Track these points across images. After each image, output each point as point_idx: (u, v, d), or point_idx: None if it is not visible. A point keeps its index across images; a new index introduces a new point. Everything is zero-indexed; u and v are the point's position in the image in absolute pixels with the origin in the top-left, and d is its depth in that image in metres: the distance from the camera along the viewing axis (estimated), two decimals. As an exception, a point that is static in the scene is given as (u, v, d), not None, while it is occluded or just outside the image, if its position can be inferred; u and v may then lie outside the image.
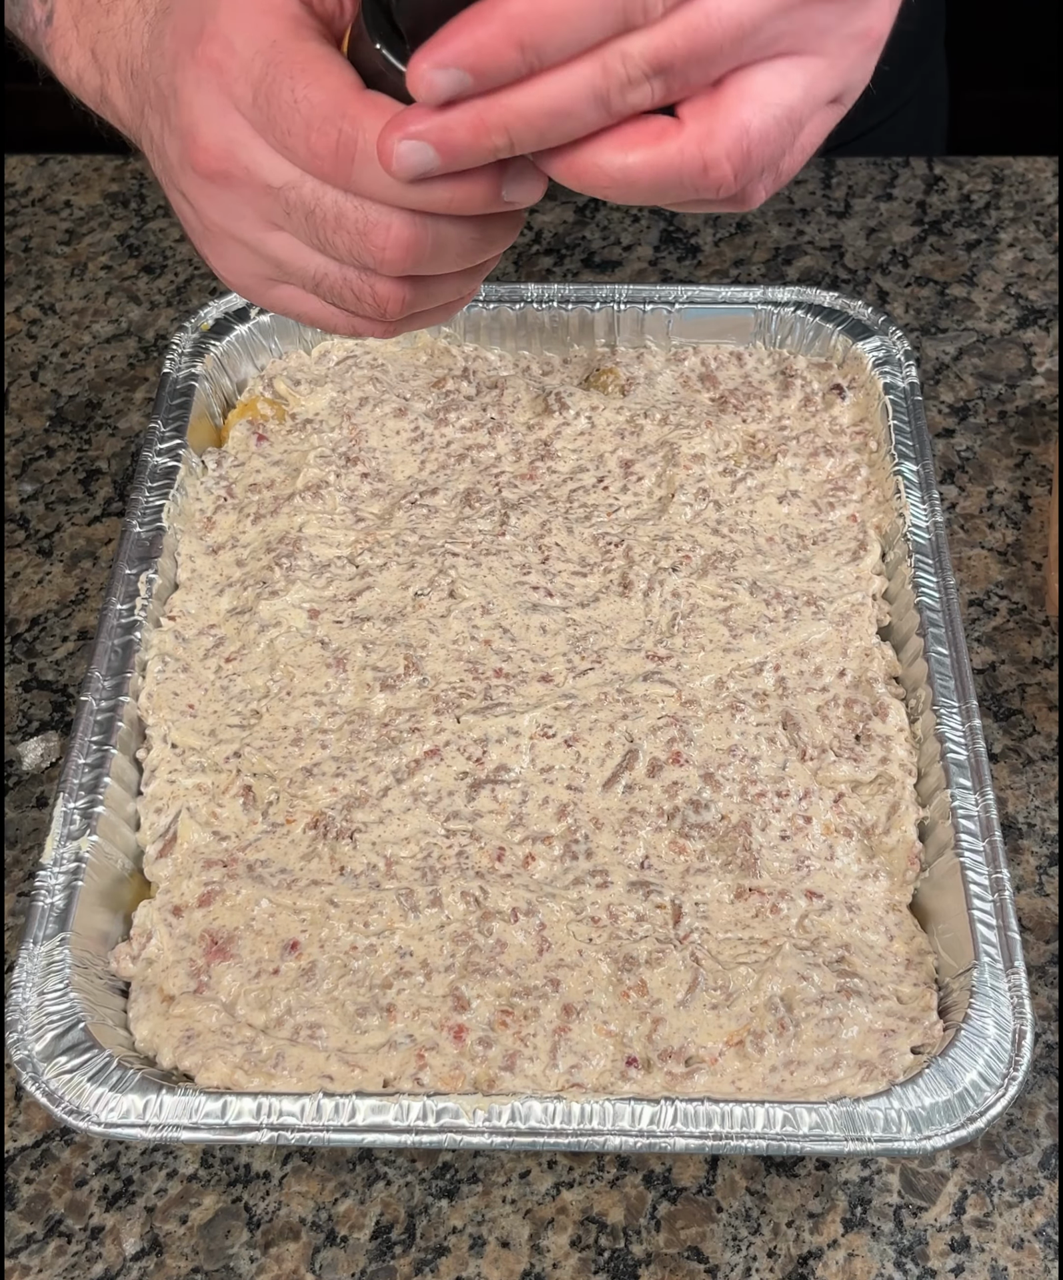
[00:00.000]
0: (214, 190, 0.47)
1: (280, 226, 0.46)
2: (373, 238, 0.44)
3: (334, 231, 0.44)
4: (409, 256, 0.44)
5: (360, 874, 0.57)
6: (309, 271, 0.47)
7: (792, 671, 0.63)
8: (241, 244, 0.48)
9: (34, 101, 2.17)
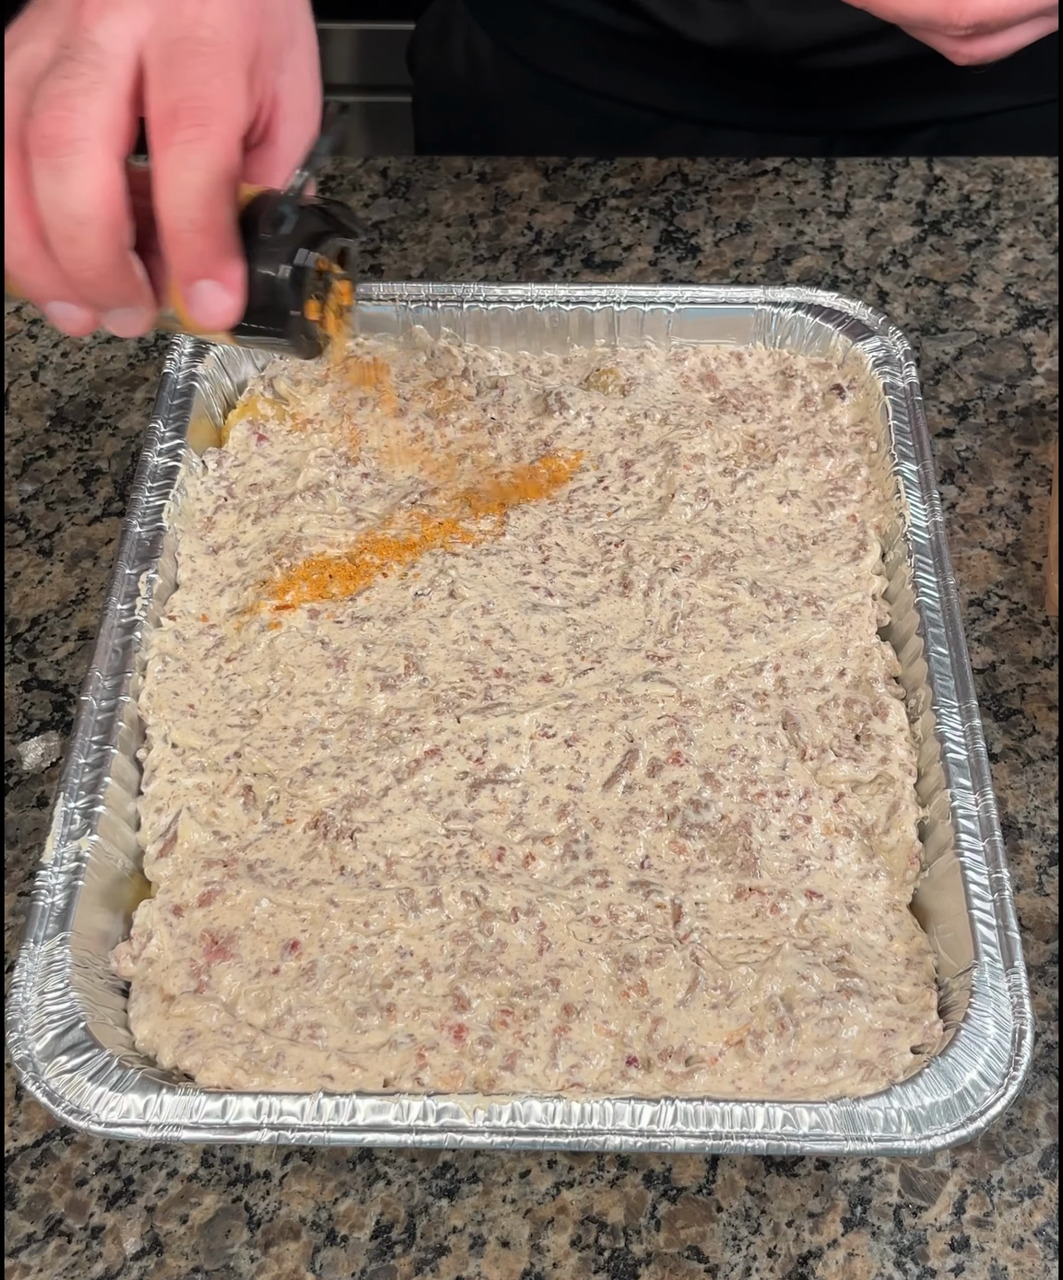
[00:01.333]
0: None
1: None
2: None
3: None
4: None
5: (360, 874, 0.57)
6: None
7: (792, 671, 0.63)
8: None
9: (34, 102, 2.13)
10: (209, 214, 0.48)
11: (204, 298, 0.50)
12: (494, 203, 0.92)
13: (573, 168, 0.94)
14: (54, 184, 0.47)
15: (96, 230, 0.48)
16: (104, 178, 0.47)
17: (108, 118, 0.48)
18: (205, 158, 0.47)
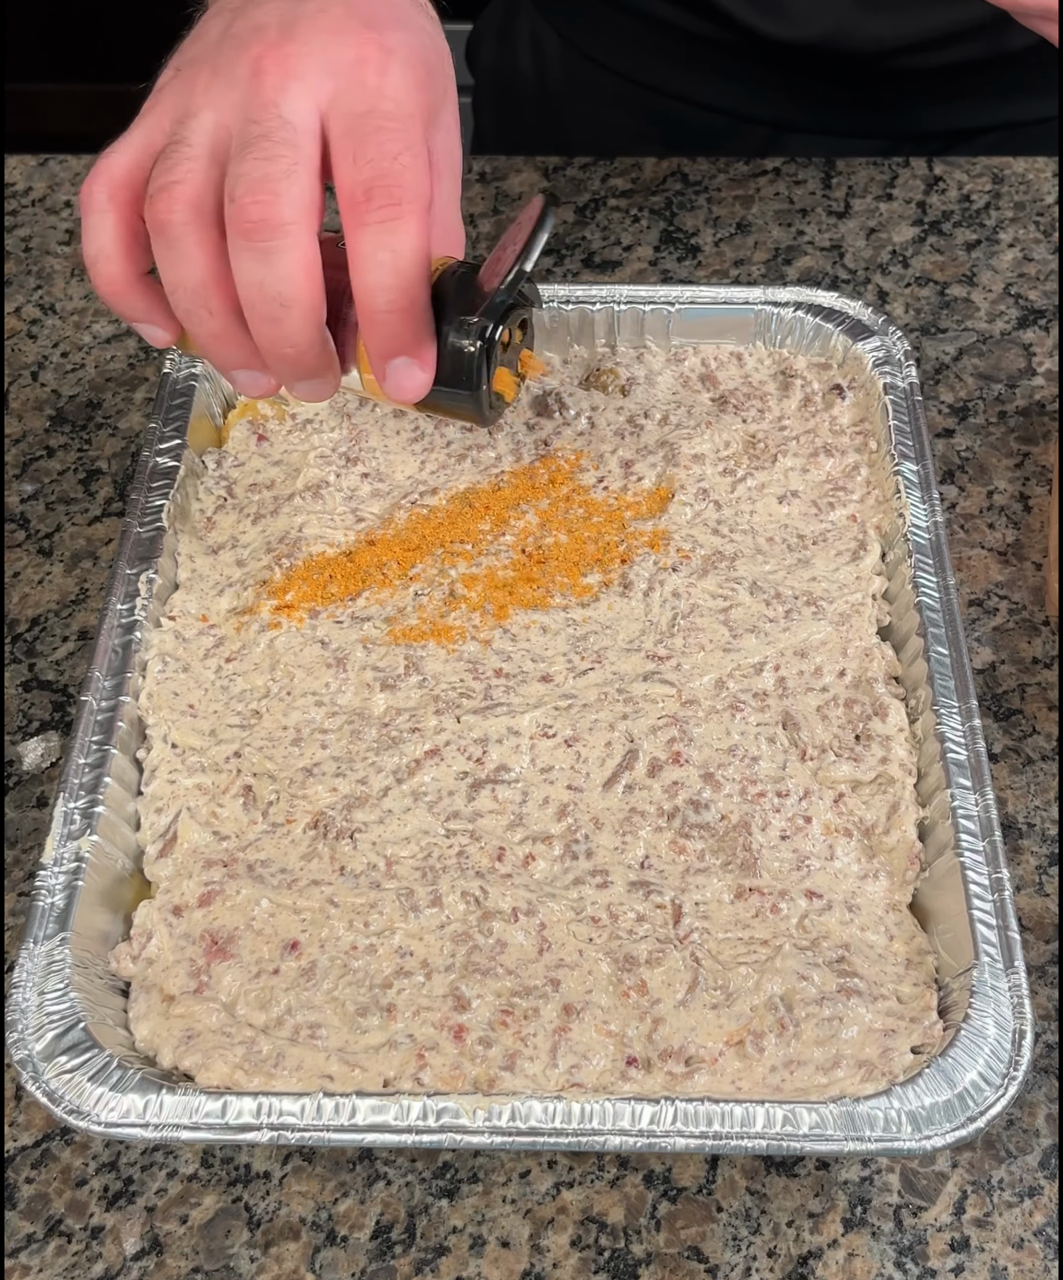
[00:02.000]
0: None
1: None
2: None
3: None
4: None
5: (360, 874, 0.57)
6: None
7: (792, 671, 0.63)
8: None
9: (34, 101, 2.17)
10: (407, 296, 0.49)
11: (398, 374, 0.51)
12: (494, 203, 0.92)
13: (573, 168, 0.94)
14: (259, 267, 0.48)
15: (300, 312, 0.49)
16: (308, 260, 0.48)
17: (308, 199, 0.48)
18: (402, 239, 0.48)
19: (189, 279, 0.50)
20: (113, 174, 0.51)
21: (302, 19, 0.50)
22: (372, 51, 0.49)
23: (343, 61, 0.49)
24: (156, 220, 0.49)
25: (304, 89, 0.49)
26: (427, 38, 0.53)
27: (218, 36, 0.51)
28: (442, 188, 0.55)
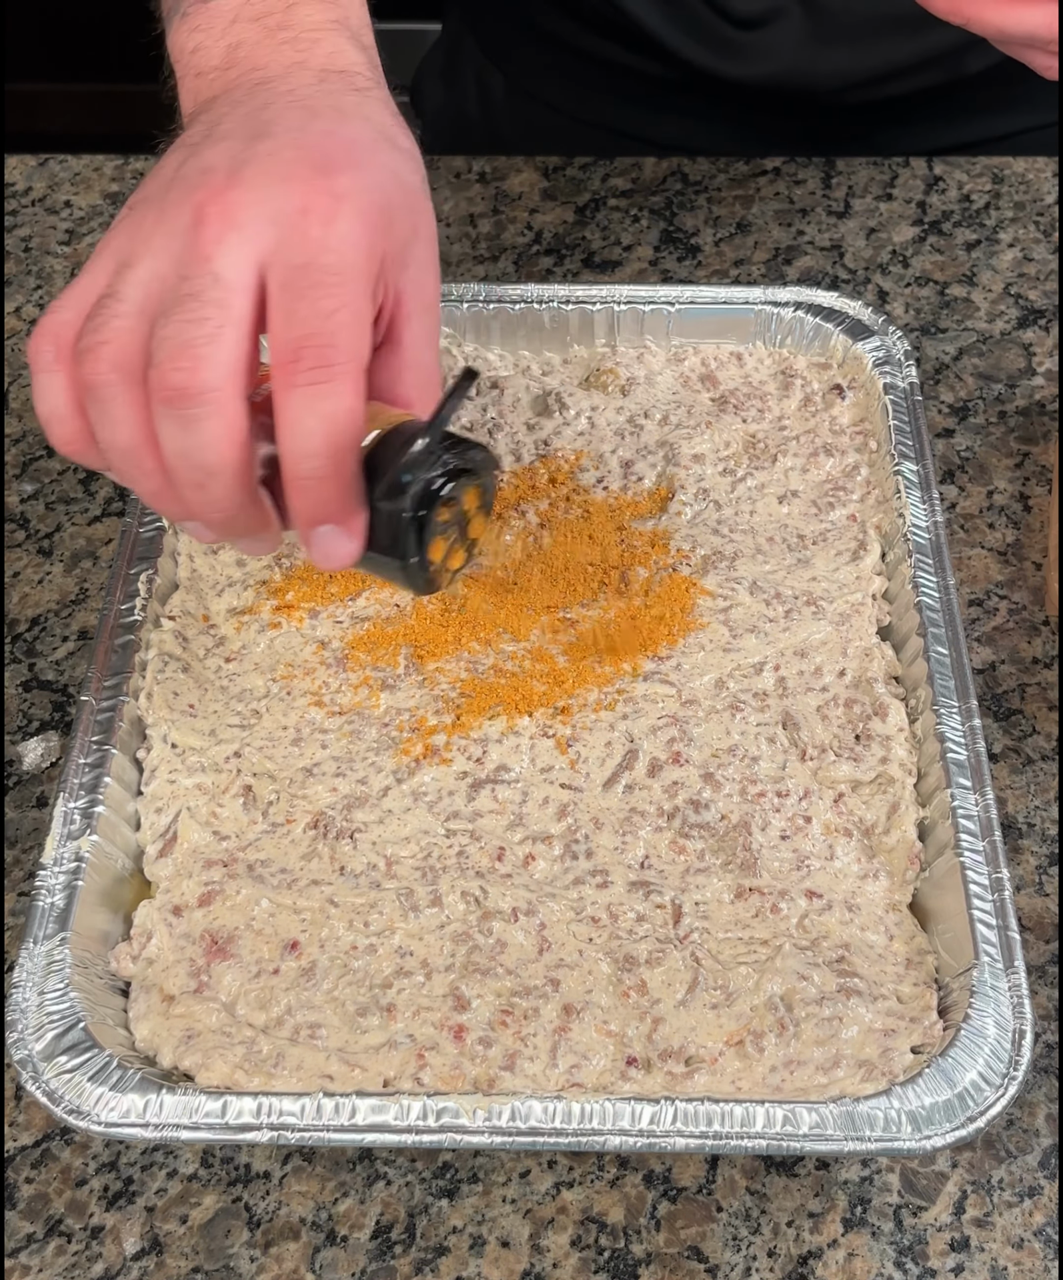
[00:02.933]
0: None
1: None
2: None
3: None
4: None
5: (360, 874, 0.57)
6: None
7: (792, 671, 0.63)
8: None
9: (34, 101, 2.17)
10: (334, 463, 0.46)
11: (325, 541, 0.48)
12: (494, 203, 0.92)
13: (573, 168, 0.94)
14: (181, 435, 0.46)
15: (225, 480, 0.46)
16: (232, 428, 0.46)
17: (234, 364, 0.45)
18: (331, 404, 0.45)
19: (119, 441, 0.47)
20: (58, 331, 0.48)
21: (251, 162, 0.47)
22: (319, 199, 0.46)
23: (287, 210, 0.46)
24: (85, 380, 0.47)
25: (243, 239, 0.46)
26: (388, 175, 0.49)
27: (170, 176, 0.49)
28: (412, 329, 0.51)
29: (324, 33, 0.54)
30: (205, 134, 0.50)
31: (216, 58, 0.54)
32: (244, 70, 0.53)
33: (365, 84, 0.53)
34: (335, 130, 0.49)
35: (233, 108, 0.51)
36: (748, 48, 0.88)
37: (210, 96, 0.53)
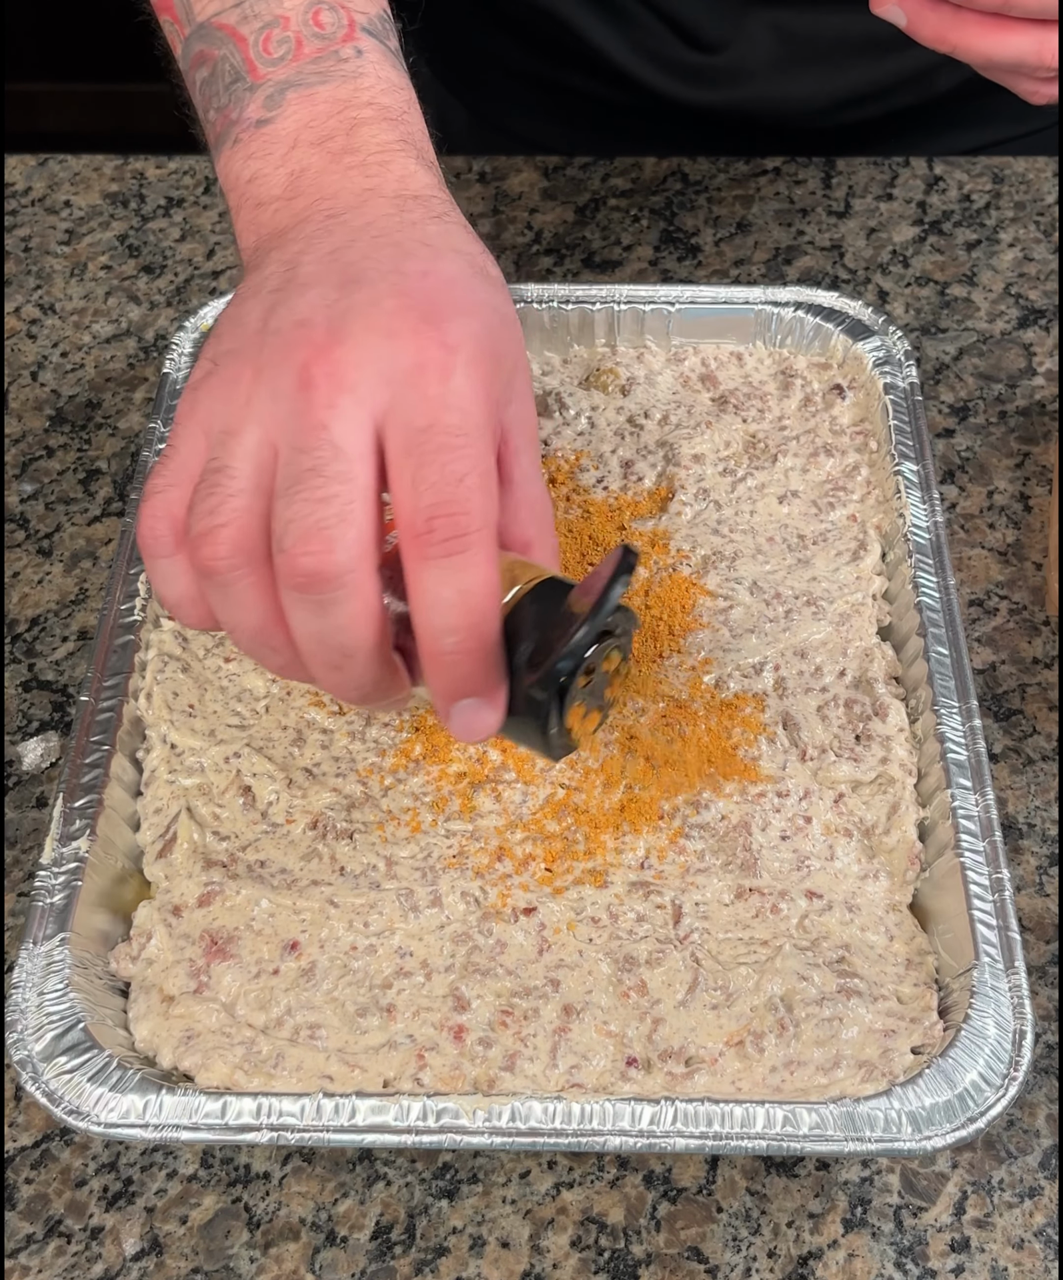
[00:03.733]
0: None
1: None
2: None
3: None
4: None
5: (360, 874, 0.57)
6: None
7: (792, 671, 0.63)
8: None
9: (34, 101, 2.17)
10: (475, 637, 0.43)
11: (465, 715, 0.45)
12: (494, 203, 0.92)
13: (573, 167, 0.94)
14: (314, 619, 0.43)
15: (362, 659, 0.44)
16: (369, 609, 0.43)
17: (366, 542, 0.42)
18: (469, 575, 0.42)
19: (245, 624, 0.45)
20: (169, 510, 0.45)
21: (352, 315, 0.43)
22: (432, 353, 0.43)
23: (400, 367, 0.43)
24: (203, 565, 0.44)
25: (357, 402, 0.42)
26: (489, 313, 0.46)
27: (257, 327, 0.45)
28: (522, 464, 0.48)
29: (392, 154, 0.50)
30: (286, 278, 0.46)
31: (278, 187, 0.50)
32: (312, 200, 0.49)
33: (443, 207, 0.50)
34: (431, 269, 0.46)
35: (309, 245, 0.47)
36: (713, 73, 0.88)
37: (276, 230, 0.49)
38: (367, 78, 0.52)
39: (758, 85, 0.88)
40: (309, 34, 0.53)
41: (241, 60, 0.53)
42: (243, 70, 0.53)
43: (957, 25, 0.57)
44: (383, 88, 0.52)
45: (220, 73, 0.54)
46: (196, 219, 0.92)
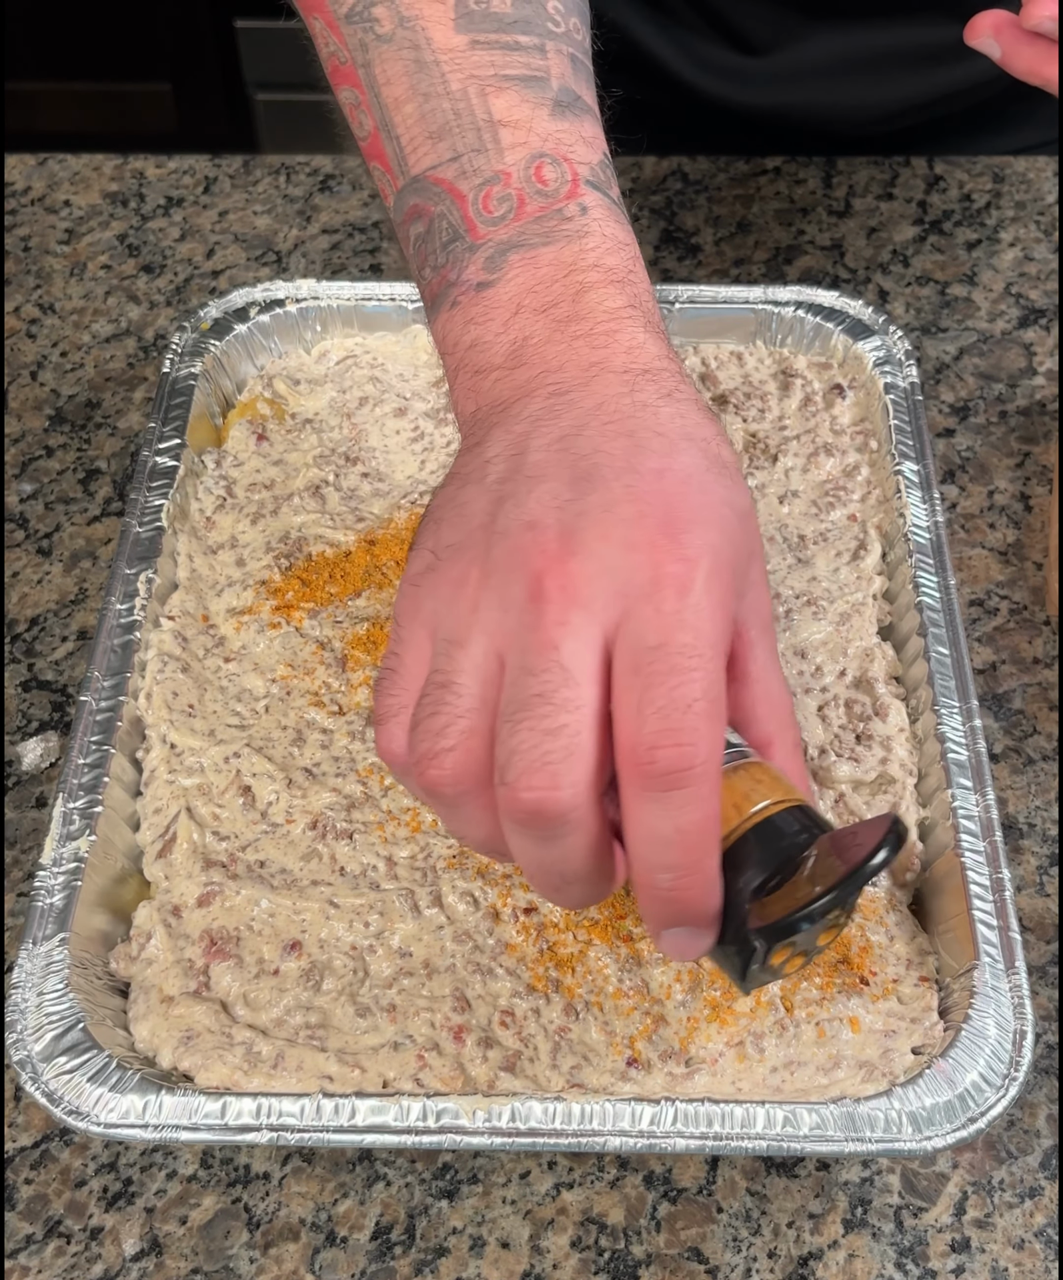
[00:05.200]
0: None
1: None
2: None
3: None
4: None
5: (360, 874, 0.57)
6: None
7: (792, 672, 0.63)
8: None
9: (34, 101, 2.17)
10: (690, 875, 0.41)
11: (675, 940, 0.43)
12: (494, 202, 0.92)
13: (573, 167, 0.94)
14: (536, 849, 0.42)
15: (584, 884, 0.43)
16: (593, 843, 0.41)
17: (593, 775, 0.40)
18: (689, 812, 0.40)
19: (472, 837, 0.44)
20: (403, 718, 0.44)
21: (586, 520, 0.41)
22: (671, 568, 0.40)
23: (637, 582, 0.40)
24: (427, 787, 0.42)
25: (589, 619, 0.40)
26: (729, 514, 0.43)
27: (483, 523, 0.43)
28: (758, 657, 0.46)
29: (620, 322, 0.47)
30: (513, 466, 0.44)
31: (500, 355, 0.48)
32: (537, 372, 0.46)
33: (673, 382, 0.46)
34: (667, 467, 0.43)
35: (535, 427, 0.44)
36: (761, 77, 0.88)
37: (498, 402, 0.47)
38: (592, 237, 0.49)
39: (806, 91, 0.88)
40: (531, 191, 0.49)
41: (460, 218, 0.50)
42: (462, 229, 0.49)
43: (1051, 59, 0.56)
44: (609, 247, 0.49)
45: (437, 230, 0.50)
46: (196, 219, 0.92)
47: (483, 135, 0.50)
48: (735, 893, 0.42)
